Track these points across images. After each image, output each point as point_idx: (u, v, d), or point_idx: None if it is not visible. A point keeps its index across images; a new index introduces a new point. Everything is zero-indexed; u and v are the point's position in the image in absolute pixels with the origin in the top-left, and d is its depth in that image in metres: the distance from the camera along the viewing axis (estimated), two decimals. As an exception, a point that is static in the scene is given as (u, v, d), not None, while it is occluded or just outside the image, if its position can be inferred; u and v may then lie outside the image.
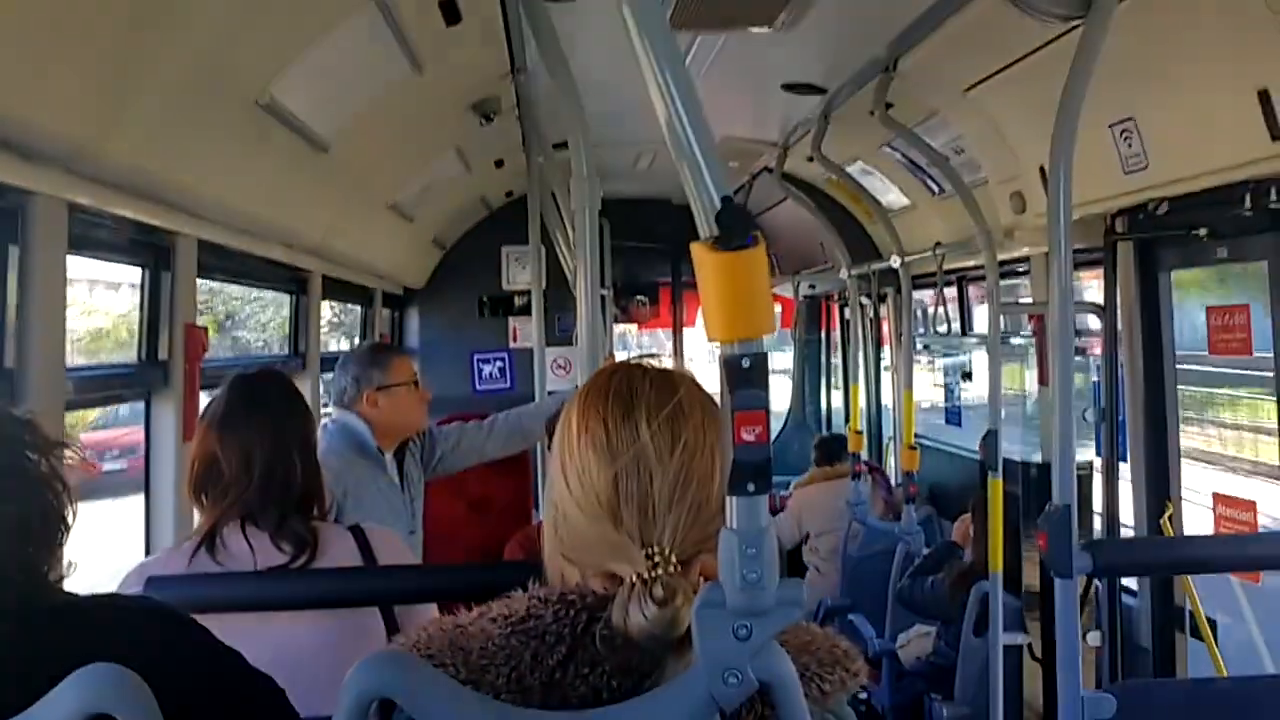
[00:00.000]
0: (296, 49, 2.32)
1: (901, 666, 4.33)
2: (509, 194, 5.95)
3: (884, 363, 6.32)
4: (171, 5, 1.80)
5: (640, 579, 0.94)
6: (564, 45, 1.99)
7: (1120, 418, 3.38)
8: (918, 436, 4.60)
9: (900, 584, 4.35)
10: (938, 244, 4.41)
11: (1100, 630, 3.31)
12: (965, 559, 4.04)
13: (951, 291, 5.00)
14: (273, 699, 1.23)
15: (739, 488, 0.87)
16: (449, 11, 2.61)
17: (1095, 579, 3.26)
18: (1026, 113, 3.20)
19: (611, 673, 0.93)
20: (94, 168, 1.92)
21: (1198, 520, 3.19)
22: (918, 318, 5.54)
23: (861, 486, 4.98)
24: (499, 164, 4.97)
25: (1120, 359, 3.36)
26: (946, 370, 5.78)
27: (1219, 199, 2.65)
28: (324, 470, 1.98)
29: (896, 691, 4.34)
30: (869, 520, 4.93)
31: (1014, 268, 4.21)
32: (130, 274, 2.56)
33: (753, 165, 5.26)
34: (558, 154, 3.04)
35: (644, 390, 1.02)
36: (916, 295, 5.08)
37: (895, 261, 4.65)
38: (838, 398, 7.40)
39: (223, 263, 2.99)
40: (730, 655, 0.87)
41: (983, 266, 3.67)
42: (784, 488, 5.83)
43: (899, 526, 4.62)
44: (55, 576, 1.10)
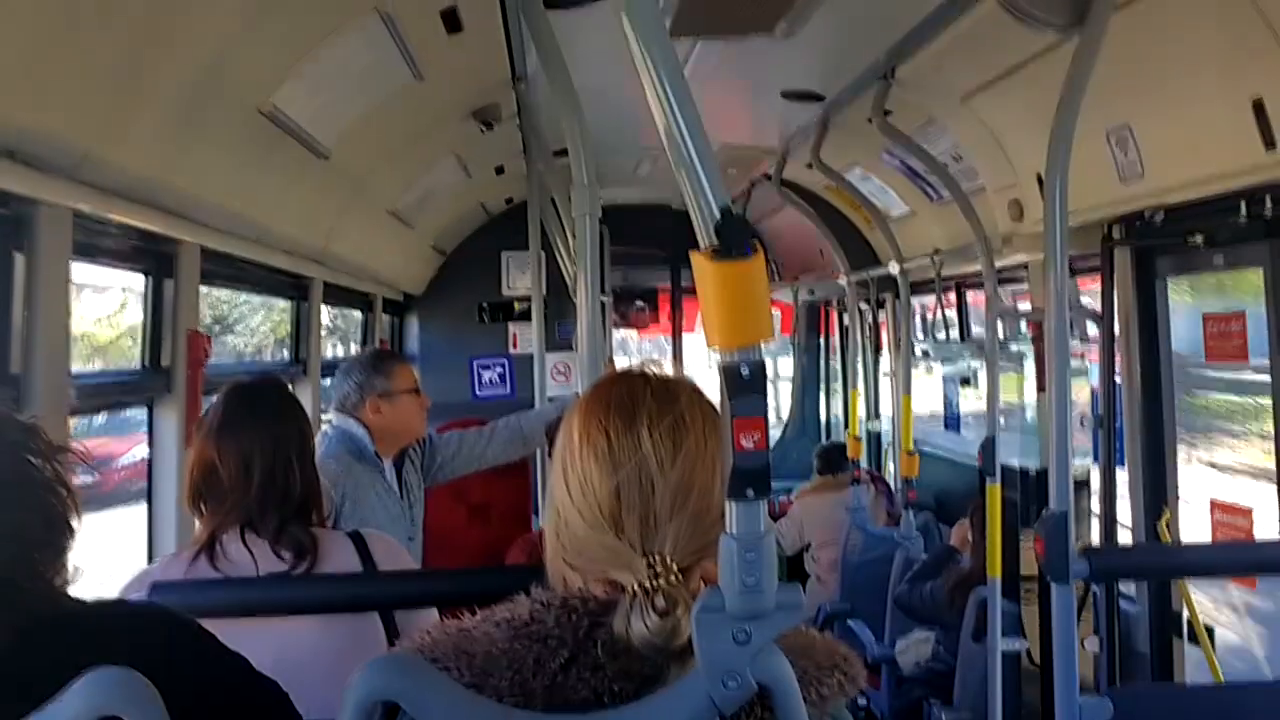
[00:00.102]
0: (299, 58, 2.33)
1: (900, 672, 4.32)
2: (509, 200, 5.95)
3: (883, 369, 6.33)
4: (175, 15, 1.82)
5: (642, 588, 0.95)
6: (564, 53, 2.00)
7: (1118, 423, 3.39)
8: (916, 442, 4.61)
9: (899, 589, 4.35)
10: (936, 250, 4.42)
11: (1098, 636, 3.31)
12: (963, 564, 4.05)
13: (950, 298, 5.02)
14: (278, 704, 1.23)
15: (738, 493, 0.89)
16: (450, 20, 2.62)
17: (1092, 584, 3.26)
18: (1024, 121, 3.21)
19: (613, 677, 0.94)
20: (98, 176, 1.93)
21: (1196, 524, 3.20)
22: (916, 324, 5.55)
23: (862, 493, 4.98)
24: (499, 170, 4.98)
25: (1117, 365, 3.37)
26: (945, 377, 5.78)
27: (1215, 207, 2.66)
28: (322, 475, 1.97)
29: (895, 697, 4.33)
30: (867, 527, 4.93)
31: (1012, 274, 4.22)
32: (122, 278, 2.56)
33: (752, 172, 5.27)
34: (557, 160, 3.04)
35: (645, 399, 1.02)
36: (915, 301, 5.09)
37: (894, 268, 4.67)
38: (837, 403, 7.40)
39: (225, 269, 2.99)
40: (730, 659, 0.88)
41: (981, 273, 3.68)
42: (783, 493, 5.83)
43: (898, 532, 4.63)
44: (60, 582, 1.10)
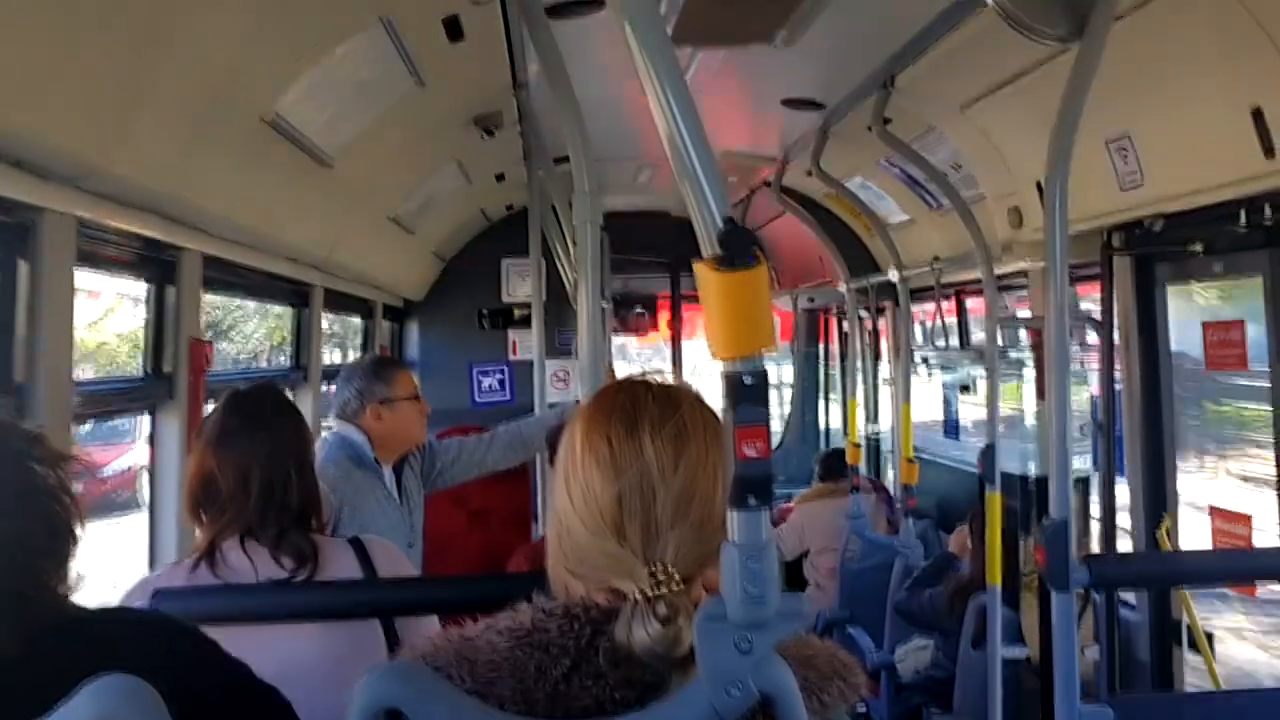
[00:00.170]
0: (301, 66, 2.33)
1: (900, 679, 4.31)
2: (509, 207, 5.96)
3: (882, 375, 6.33)
4: (178, 23, 1.82)
5: (644, 596, 0.95)
6: (565, 60, 2.00)
7: (1117, 431, 3.40)
8: (916, 449, 4.60)
9: (898, 596, 4.35)
10: (936, 258, 4.43)
11: (1098, 643, 3.31)
12: (963, 571, 4.04)
13: (950, 305, 5.02)
14: (280, 711, 1.23)
15: (740, 502, 0.89)
16: (452, 28, 2.63)
17: (1093, 592, 3.26)
18: (1024, 129, 3.22)
19: (615, 685, 0.94)
20: (102, 184, 1.94)
21: (1195, 531, 3.20)
22: (916, 331, 5.55)
23: (863, 501, 4.97)
24: (500, 177, 4.98)
25: (1117, 372, 3.37)
26: (945, 383, 5.78)
27: (1215, 215, 2.67)
28: (321, 481, 1.96)
29: (895, 704, 4.32)
30: (866, 534, 4.93)
31: (1012, 282, 4.23)
32: (117, 283, 2.56)
33: (752, 179, 5.27)
34: (558, 167, 3.05)
35: (647, 407, 1.02)
36: (915, 308, 5.09)
37: (894, 275, 4.67)
38: (836, 410, 7.39)
39: (227, 277, 3.00)
40: (732, 667, 0.88)
41: (981, 280, 3.69)
42: (782, 499, 5.82)
43: (897, 539, 4.62)
44: (65, 590, 1.10)
